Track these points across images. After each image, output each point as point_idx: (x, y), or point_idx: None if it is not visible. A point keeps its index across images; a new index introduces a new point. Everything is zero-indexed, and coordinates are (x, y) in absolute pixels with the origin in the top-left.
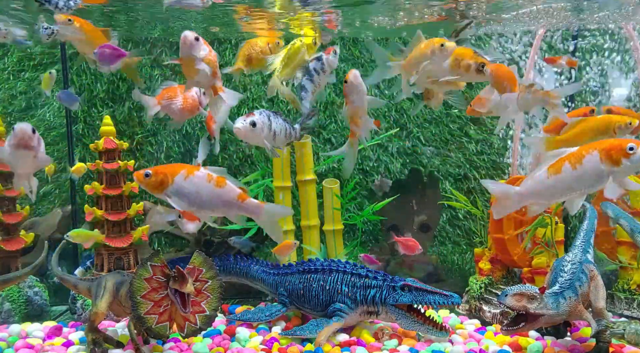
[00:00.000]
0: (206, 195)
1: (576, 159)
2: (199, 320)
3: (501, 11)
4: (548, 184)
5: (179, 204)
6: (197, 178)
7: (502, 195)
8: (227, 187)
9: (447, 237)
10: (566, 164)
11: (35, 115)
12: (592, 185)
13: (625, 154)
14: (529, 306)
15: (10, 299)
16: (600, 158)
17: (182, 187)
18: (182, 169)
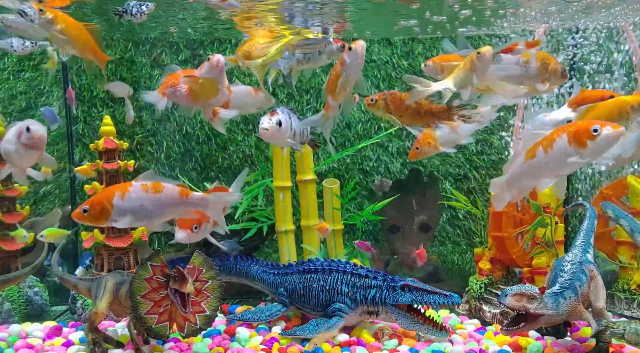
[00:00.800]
0: (149, 205)
1: (548, 143)
2: (199, 320)
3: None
4: (526, 168)
5: (128, 223)
6: (135, 193)
7: (495, 186)
8: (166, 190)
9: (447, 237)
10: (540, 148)
11: (35, 115)
12: (564, 167)
13: (590, 136)
14: (529, 306)
15: (10, 299)
16: (568, 140)
17: (123, 208)
18: (115, 190)
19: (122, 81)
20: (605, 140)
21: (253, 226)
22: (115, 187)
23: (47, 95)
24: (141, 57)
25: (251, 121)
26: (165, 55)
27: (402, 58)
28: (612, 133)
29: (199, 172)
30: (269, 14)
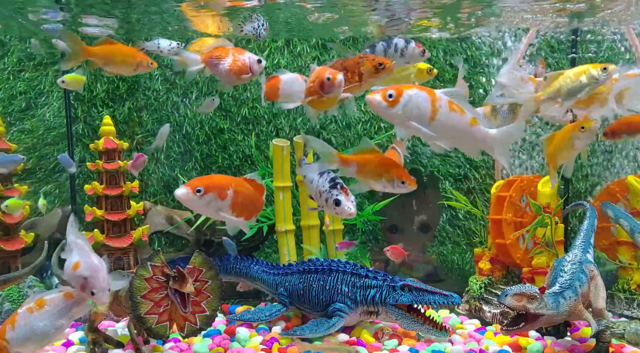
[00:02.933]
0: (42, 323)
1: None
2: (199, 320)
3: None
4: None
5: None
6: (23, 319)
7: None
8: (47, 306)
9: (447, 237)
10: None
11: (36, 115)
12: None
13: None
14: (529, 306)
15: (10, 299)
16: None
17: (18, 338)
18: (6, 324)
19: (123, 81)
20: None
21: (253, 226)
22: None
23: (47, 95)
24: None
25: (251, 121)
26: None
27: None
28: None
29: (199, 172)
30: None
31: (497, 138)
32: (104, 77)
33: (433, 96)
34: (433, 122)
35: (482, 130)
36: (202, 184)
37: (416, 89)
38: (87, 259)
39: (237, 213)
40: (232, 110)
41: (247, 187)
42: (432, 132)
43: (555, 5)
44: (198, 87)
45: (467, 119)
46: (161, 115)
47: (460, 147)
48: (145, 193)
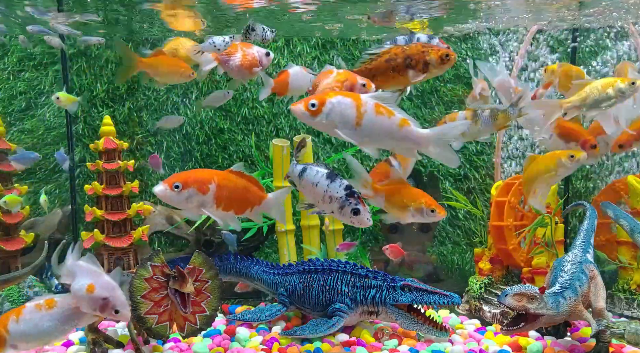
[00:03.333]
0: (47, 323)
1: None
2: (199, 320)
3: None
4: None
5: (26, 348)
6: (29, 314)
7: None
8: (57, 308)
9: (447, 237)
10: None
11: (36, 115)
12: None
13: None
14: (529, 306)
15: (10, 299)
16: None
17: (19, 331)
18: (10, 315)
19: None
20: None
21: (253, 226)
22: (9, 313)
23: (47, 95)
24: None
25: (251, 121)
26: None
27: None
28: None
29: None
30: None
31: (430, 138)
32: (103, 77)
33: (358, 101)
34: (360, 127)
35: (413, 131)
36: (180, 179)
37: (340, 96)
38: (101, 279)
39: (225, 208)
40: (232, 110)
41: (234, 180)
42: (360, 136)
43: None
44: (198, 87)
45: (396, 121)
46: (161, 115)
47: (394, 149)
48: (145, 193)
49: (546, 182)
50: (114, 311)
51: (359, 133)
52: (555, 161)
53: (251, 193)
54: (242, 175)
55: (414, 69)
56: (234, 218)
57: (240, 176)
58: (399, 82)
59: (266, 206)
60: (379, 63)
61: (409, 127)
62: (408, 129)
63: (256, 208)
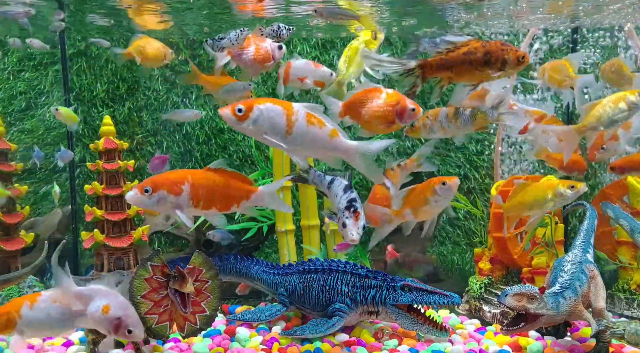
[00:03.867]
0: (59, 316)
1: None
2: (199, 320)
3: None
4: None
5: (30, 336)
6: (44, 303)
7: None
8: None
9: (447, 237)
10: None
11: (35, 115)
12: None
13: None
14: (529, 306)
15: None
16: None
17: (31, 318)
18: (24, 300)
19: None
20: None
21: (253, 226)
22: (23, 297)
23: (47, 95)
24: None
25: None
26: None
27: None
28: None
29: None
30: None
31: (358, 150)
32: (103, 77)
33: (289, 110)
34: (290, 135)
35: (342, 142)
36: (150, 183)
37: (269, 102)
38: (116, 299)
39: (205, 206)
40: None
41: (211, 177)
42: (291, 144)
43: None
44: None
45: (327, 131)
46: (161, 115)
47: (322, 158)
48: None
49: (542, 210)
50: (127, 331)
51: (289, 141)
52: (553, 191)
53: (234, 189)
54: (223, 171)
55: (491, 66)
56: (217, 216)
57: (220, 173)
58: (473, 77)
59: (257, 199)
60: (456, 55)
61: (338, 138)
62: (338, 139)
63: (244, 203)
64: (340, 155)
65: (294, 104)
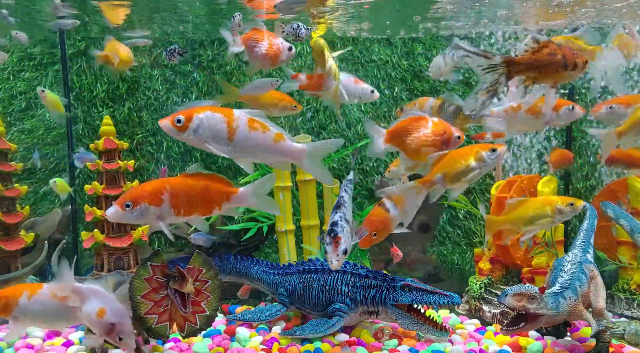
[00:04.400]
0: (55, 312)
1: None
2: (199, 320)
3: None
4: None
5: (24, 325)
6: (43, 297)
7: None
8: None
9: (447, 237)
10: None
11: (36, 115)
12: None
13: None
14: (529, 306)
15: None
16: None
17: (27, 308)
18: (25, 289)
19: (123, 81)
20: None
21: (253, 226)
22: (24, 286)
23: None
24: (141, 57)
25: None
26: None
27: (402, 58)
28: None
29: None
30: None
31: (304, 152)
32: (104, 77)
33: (229, 117)
34: (232, 142)
35: (288, 145)
36: (129, 198)
37: (209, 111)
38: (113, 305)
39: (187, 212)
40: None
41: (190, 183)
42: (233, 151)
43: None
44: (198, 87)
45: (271, 135)
46: (161, 115)
47: (270, 163)
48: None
49: (539, 227)
50: (118, 338)
51: (232, 148)
52: (553, 208)
53: (213, 192)
54: (200, 175)
55: (566, 68)
56: (200, 221)
57: (198, 177)
58: (553, 78)
59: (239, 200)
60: (542, 55)
61: (283, 142)
62: (283, 143)
63: (225, 205)
64: (288, 159)
65: (235, 110)
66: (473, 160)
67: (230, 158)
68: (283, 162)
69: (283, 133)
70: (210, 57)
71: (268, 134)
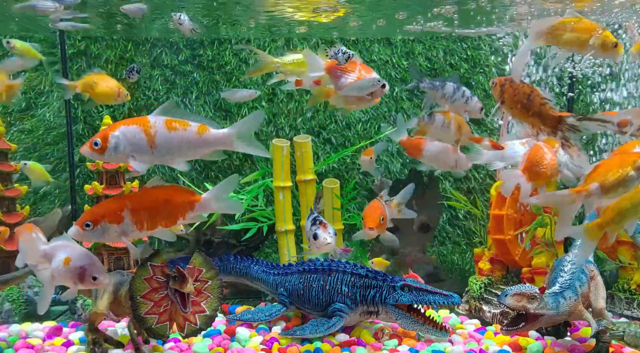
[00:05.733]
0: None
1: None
2: (199, 320)
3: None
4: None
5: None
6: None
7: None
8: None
9: (447, 237)
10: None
11: (36, 115)
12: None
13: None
14: (529, 306)
15: (10, 299)
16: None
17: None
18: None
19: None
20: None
21: (253, 226)
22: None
23: (47, 95)
24: (141, 57)
25: None
26: (165, 55)
27: (402, 58)
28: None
29: (199, 172)
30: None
31: (232, 134)
32: None
33: (145, 125)
34: (156, 148)
35: (214, 133)
36: (89, 217)
37: (122, 125)
38: (76, 251)
39: (150, 226)
40: (232, 110)
41: (150, 196)
42: (160, 156)
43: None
44: (198, 87)
45: (194, 129)
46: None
47: (204, 156)
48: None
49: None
50: (92, 278)
51: (158, 154)
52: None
53: (176, 203)
54: (161, 188)
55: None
56: (166, 232)
57: (158, 190)
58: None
59: (203, 207)
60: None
61: (208, 132)
62: (208, 133)
63: (189, 214)
64: (219, 147)
65: (149, 116)
66: (632, 169)
67: (163, 164)
68: (214, 152)
69: (205, 123)
70: (210, 57)
71: (190, 129)
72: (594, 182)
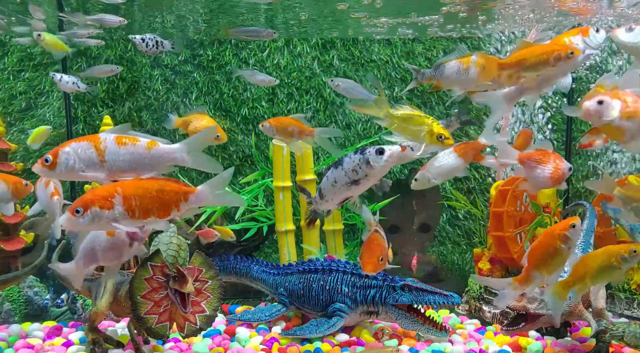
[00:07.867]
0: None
1: None
2: (199, 320)
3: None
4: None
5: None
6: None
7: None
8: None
9: (447, 237)
10: None
11: (35, 115)
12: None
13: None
14: (529, 306)
15: (10, 299)
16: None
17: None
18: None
19: (123, 81)
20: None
21: (253, 226)
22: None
23: (47, 95)
24: (141, 57)
25: (251, 121)
26: (165, 55)
27: (402, 58)
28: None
29: (199, 172)
30: None
31: (182, 149)
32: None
33: (95, 141)
34: (105, 163)
35: (164, 148)
36: (80, 203)
37: (73, 142)
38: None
39: (143, 215)
40: (232, 110)
41: (143, 185)
42: (110, 172)
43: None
44: (198, 87)
45: (143, 145)
46: (161, 115)
47: (156, 172)
48: None
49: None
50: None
51: (109, 169)
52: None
53: (169, 193)
54: (154, 178)
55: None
56: (159, 223)
57: (152, 179)
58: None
59: (198, 199)
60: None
61: (158, 147)
62: (157, 148)
63: (184, 205)
64: (170, 162)
65: (101, 134)
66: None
67: (113, 179)
68: (165, 167)
69: (155, 139)
70: (210, 57)
71: (139, 145)
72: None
